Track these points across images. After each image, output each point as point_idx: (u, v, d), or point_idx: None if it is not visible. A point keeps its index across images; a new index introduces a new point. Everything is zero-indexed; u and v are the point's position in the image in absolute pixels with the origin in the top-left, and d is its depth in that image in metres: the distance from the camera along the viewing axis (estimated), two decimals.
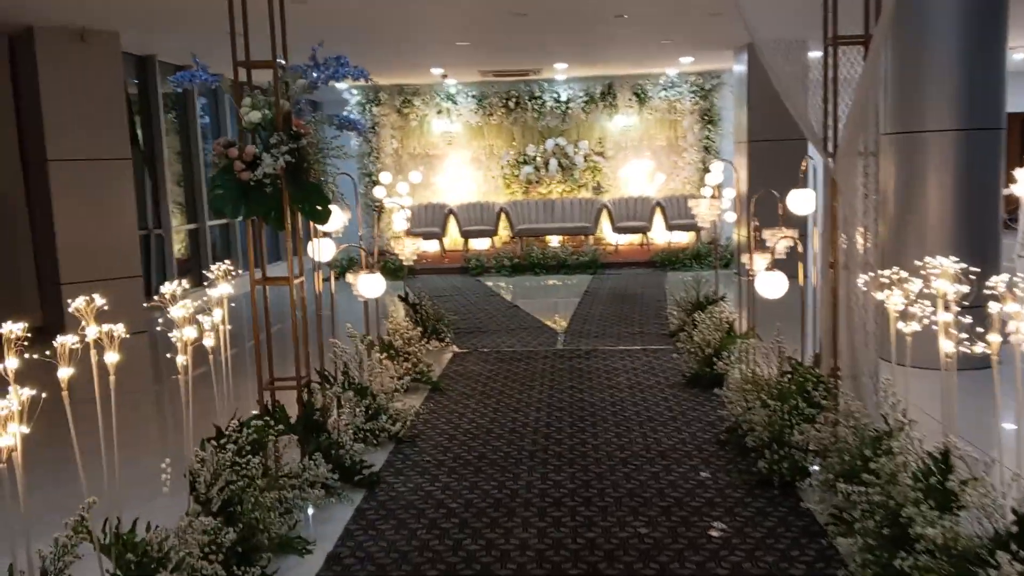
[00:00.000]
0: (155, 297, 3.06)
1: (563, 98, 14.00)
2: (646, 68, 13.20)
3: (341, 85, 13.80)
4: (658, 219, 13.87)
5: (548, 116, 14.11)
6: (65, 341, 2.52)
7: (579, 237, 14.00)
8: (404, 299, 7.44)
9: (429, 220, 13.98)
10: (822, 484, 3.63)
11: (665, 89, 13.92)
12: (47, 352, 2.51)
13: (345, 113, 13.33)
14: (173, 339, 3.07)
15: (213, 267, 3.59)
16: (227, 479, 3.07)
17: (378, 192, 7.86)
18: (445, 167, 14.55)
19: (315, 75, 3.94)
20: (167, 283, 3.08)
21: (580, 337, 7.63)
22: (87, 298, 2.71)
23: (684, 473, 4.23)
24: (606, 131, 14.32)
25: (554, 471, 4.27)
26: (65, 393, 2.52)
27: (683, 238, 14.02)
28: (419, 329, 6.54)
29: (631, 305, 9.23)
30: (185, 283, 3.13)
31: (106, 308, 2.73)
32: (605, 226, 14.14)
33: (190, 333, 3.06)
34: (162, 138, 10.28)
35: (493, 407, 5.44)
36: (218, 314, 3.41)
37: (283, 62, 4.07)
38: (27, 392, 2.21)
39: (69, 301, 2.87)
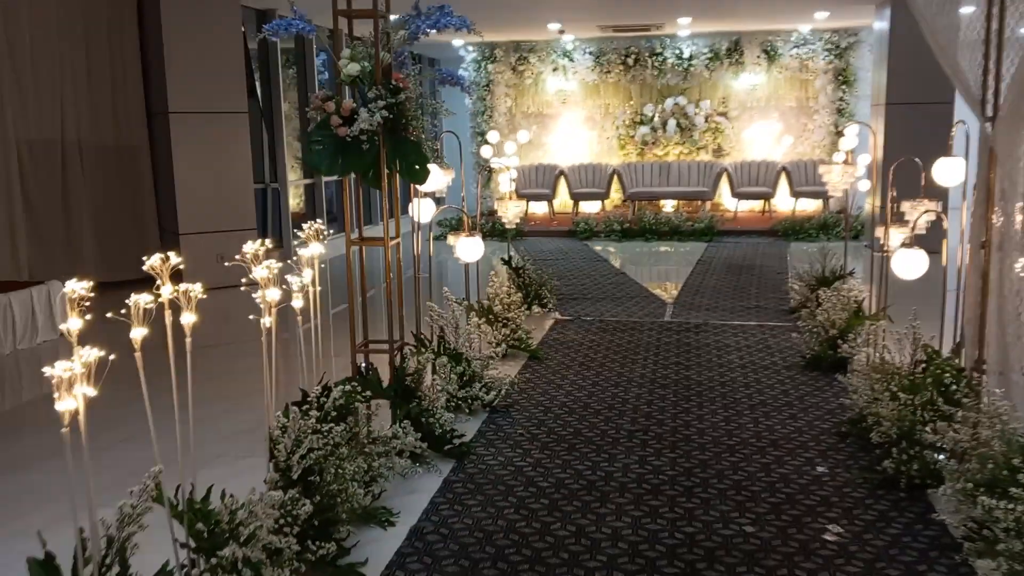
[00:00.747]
0: (236, 257, 2.92)
1: (686, 55, 13.35)
2: (777, 24, 12.37)
3: (457, 42, 13.64)
4: (783, 185, 13.10)
5: (669, 74, 13.50)
6: (138, 299, 2.42)
7: (695, 202, 13.41)
8: (507, 263, 7.25)
9: (539, 181, 13.72)
10: (959, 492, 3.20)
11: (797, 46, 13.02)
12: (123, 311, 2.42)
13: (460, 71, 13.17)
14: (257, 301, 2.95)
15: (305, 226, 3.47)
16: (309, 446, 2.97)
17: (485, 152, 7.66)
18: (558, 126, 14.21)
19: (416, 24, 3.73)
20: (250, 243, 2.95)
21: (690, 309, 7.24)
22: (162, 256, 2.59)
23: (798, 467, 3.87)
24: (730, 90, 13.57)
25: (654, 455, 4.00)
26: (139, 354, 2.43)
27: (809, 206, 13.22)
28: (520, 294, 6.34)
29: (748, 277, 8.72)
30: (269, 242, 2.99)
31: (182, 266, 2.61)
32: (724, 191, 13.49)
33: (274, 295, 2.93)
34: (280, 93, 10.42)
35: (592, 380, 5.19)
36: (308, 275, 3.29)
37: (384, 11, 3.88)
38: (93, 353, 2.12)
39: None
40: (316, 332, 3.52)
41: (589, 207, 13.83)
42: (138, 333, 2.44)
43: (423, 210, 4.83)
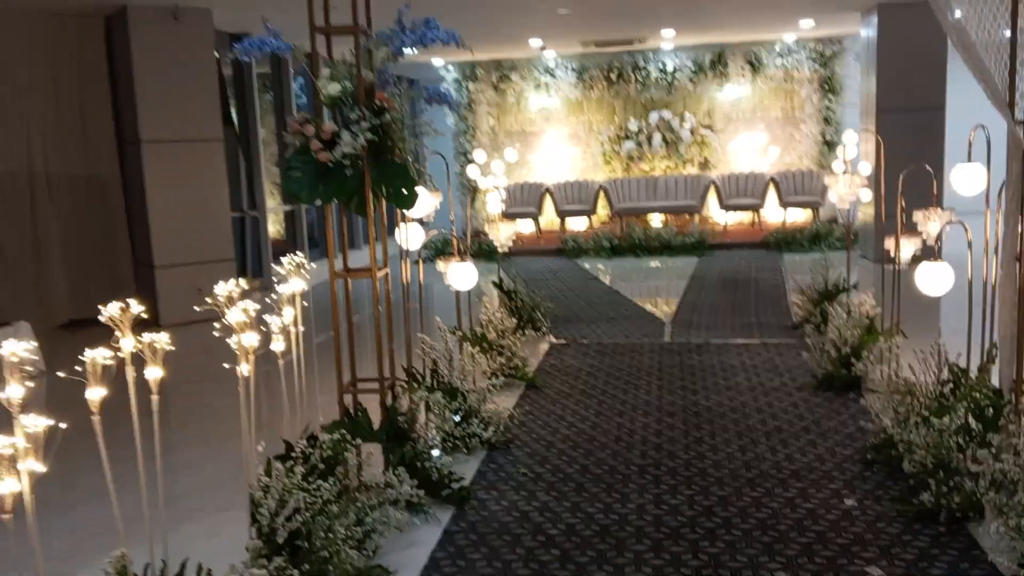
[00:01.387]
0: (207, 300, 2.62)
1: (669, 68, 13.19)
2: (761, 34, 12.24)
3: (437, 61, 13.42)
4: (771, 196, 12.93)
5: (652, 88, 13.34)
6: (95, 356, 2.12)
7: (683, 216, 13.21)
8: (499, 285, 6.97)
9: (525, 200, 13.48)
10: (1009, 529, 2.94)
11: (781, 56, 12.91)
12: (78, 368, 2.12)
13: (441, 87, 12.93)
14: (233, 347, 2.65)
15: (285, 260, 3.18)
16: (295, 506, 2.66)
17: (471, 172, 7.40)
18: (542, 144, 14.00)
19: (401, 40, 3.47)
20: (222, 283, 2.65)
21: (689, 328, 6.99)
22: (122, 304, 2.29)
23: (825, 500, 3.60)
24: (715, 102, 13.42)
25: (669, 492, 3.72)
26: (96, 418, 2.13)
27: (799, 217, 13.05)
28: (514, 319, 6.05)
29: (745, 291, 8.49)
30: (244, 282, 2.69)
31: (144, 316, 2.31)
32: (712, 204, 13.30)
33: (251, 340, 2.63)
34: (257, 118, 10.13)
35: (595, 409, 4.91)
36: (288, 314, 3.00)
37: (366, 27, 3.62)
38: (38, 422, 1.81)
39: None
40: (299, 373, 3.22)
41: (576, 224, 13.59)
42: (95, 394, 2.13)
43: (411, 236, 4.55)
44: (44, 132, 8.02)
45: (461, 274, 4.41)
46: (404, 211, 3.95)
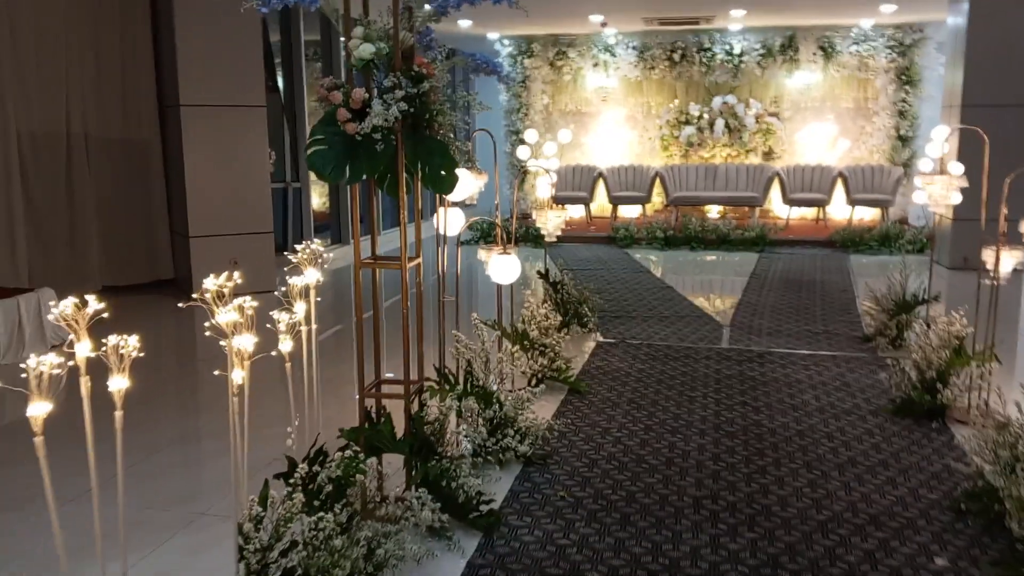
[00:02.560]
0: (194, 296, 2.20)
1: (736, 51, 12.48)
2: (837, 18, 11.47)
3: (492, 35, 12.90)
4: (838, 192, 12.19)
5: (717, 71, 12.65)
6: (44, 362, 1.71)
7: (743, 209, 12.56)
8: (544, 276, 6.51)
9: (576, 184, 12.95)
10: None
11: (856, 43, 12.10)
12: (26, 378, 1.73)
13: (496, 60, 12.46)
14: (225, 349, 2.24)
15: (298, 247, 2.76)
16: (292, 539, 2.25)
17: (522, 153, 6.92)
18: (597, 126, 13.43)
19: None
20: (212, 277, 2.23)
21: (749, 333, 6.44)
22: (76, 301, 1.88)
23: (911, 556, 3.08)
24: (783, 89, 12.69)
25: (728, 534, 3.23)
26: (39, 439, 1.73)
27: (866, 215, 12.31)
28: (558, 315, 5.58)
29: (809, 295, 7.88)
30: (238, 276, 2.27)
31: (105, 316, 1.91)
32: (775, 197, 12.61)
33: (247, 342, 2.22)
34: (304, 87, 9.77)
35: (645, 424, 4.43)
36: (300, 310, 2.58)
37: None
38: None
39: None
40: (310, 377, 2.81)
41: (629, 212, 13.04)
42: (39, 409, 1.73)
43: (450, 221, 4.10)
44: (83, 93, 7.75)
45: (503, 267, 3.96)
46: (441, 195, 3.49)
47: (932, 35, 11.88)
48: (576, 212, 13.26)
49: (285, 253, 3.32)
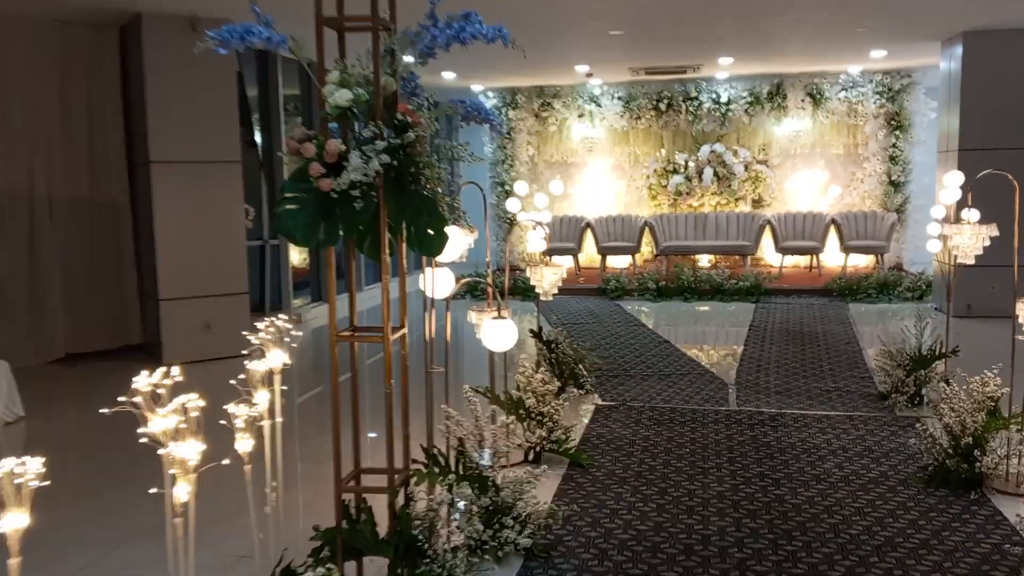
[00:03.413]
0: (119, 400, 1.79)
1: (723, 99, 12.34)
2: (825, 65, 11.36)
3: (476, 86, 12.72)
4: (831, 239, 11.95)
5: (704, 119, 12.49)
6: None
7: (734, 257, 12.29)
8: (537, 335, 6.12)
9: (564, 235, 12.66)
10: None
11: (845, 89, 12.00)
12: None
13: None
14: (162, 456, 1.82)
15: (260, 325, 2.37)
16: None
17: (511, 205, 6.59)
18: (583, 176, 13.21)
19: (432, 36, 2.67)
20: (144, 374, 1.83)
21: (757, 392, 6.06)
22: None
23: None
24: (771, 136, 12.54)
25: None
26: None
27: (860, 262, 12.06)
28: (555, 379, 5.17)
29: (813, 348, 7.53)
30: (177, 372, 1.86)
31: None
32: (766, 245, 12.36)
33: (189, 452, 1.81)
34: (282, 141, 9.46)
35: (656, 503, 4.00)
36: (262, 399, 2.17)
37: (388, 21, 2.83)
38: None
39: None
40: (275, 478, 2.39)
41: (618, 262, 12.74)
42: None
43: (439, 282, 3.72)
44: (49, 150, 7.40)
45: (498, 333, 3.57)
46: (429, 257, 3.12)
47: (921, 80, 11.80)
48: (564, 263, 12.91)
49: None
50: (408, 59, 2.85)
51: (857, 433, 5.03)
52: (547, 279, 5.08)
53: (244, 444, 2.18)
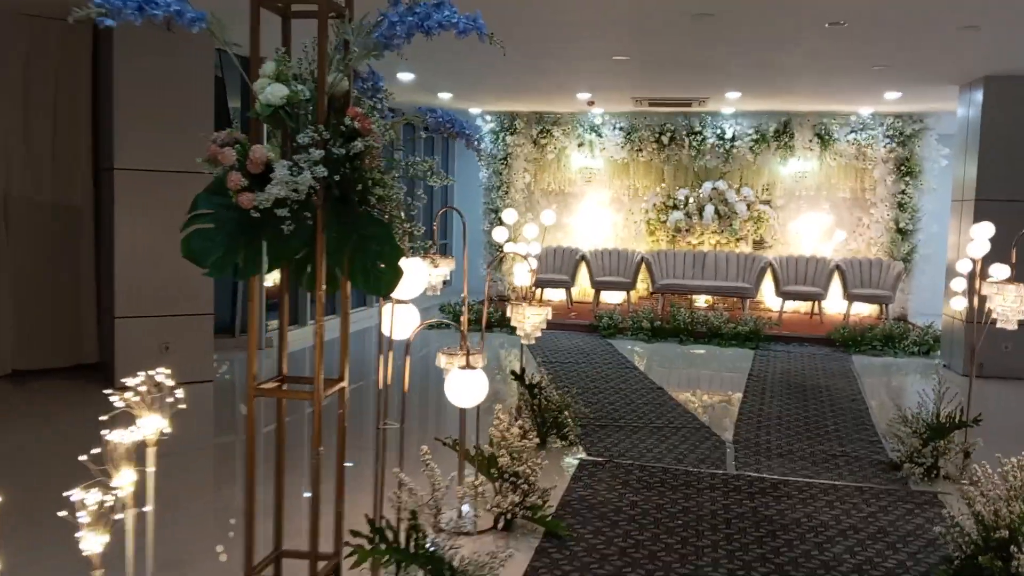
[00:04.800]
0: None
1: (728, 135, 11.91)
2: (834, 105, 10.95)
3: (474, 109, 12.28)
4: (834, 285, 11.47)
5: (708, 155, 12.05)
6: None
7: (732, 299, 11.79)
8: (519, 376, 5.58)
9: (557, 266, 12.16)
10: None
11: (855, 131, 11.58)
12: None
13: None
14: None
15: (131, 382, 1.84)
16: None
17: (498, 235, 6.09)
18: (580, 207, 12.75)
19: (392, 25, 2.16)
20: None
21: (757, 453, 5.51)
22: None
23: None
24: (776, 176, 12.10)
25: None
26: None
27: (863, 310, 11.58)
28: (534, 432, 4.61)
29: (817, 404, 6.99)
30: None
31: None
32: (766, 288, 11.87)
33: None
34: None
35: None
36: (125, 481, 1.63)
37: (340, 5, 2.33)
38: None
39: None
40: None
41: (612, 297, 12.23)
42: None
43: (400, 321, 3.19)
44: (8, 151, 6.88)
45: (465, 386, 3.03)
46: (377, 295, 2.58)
47: (933, 125, 11.40)
48: (556, 296, 12.44)
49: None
50: (371, 56, 2.34)
51: (869, 510, 4.47)
52: (530, 320, 4.54)
53: (91, 542, 1.64)
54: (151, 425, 1.87)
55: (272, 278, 9.96)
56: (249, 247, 2.15)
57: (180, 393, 2.12)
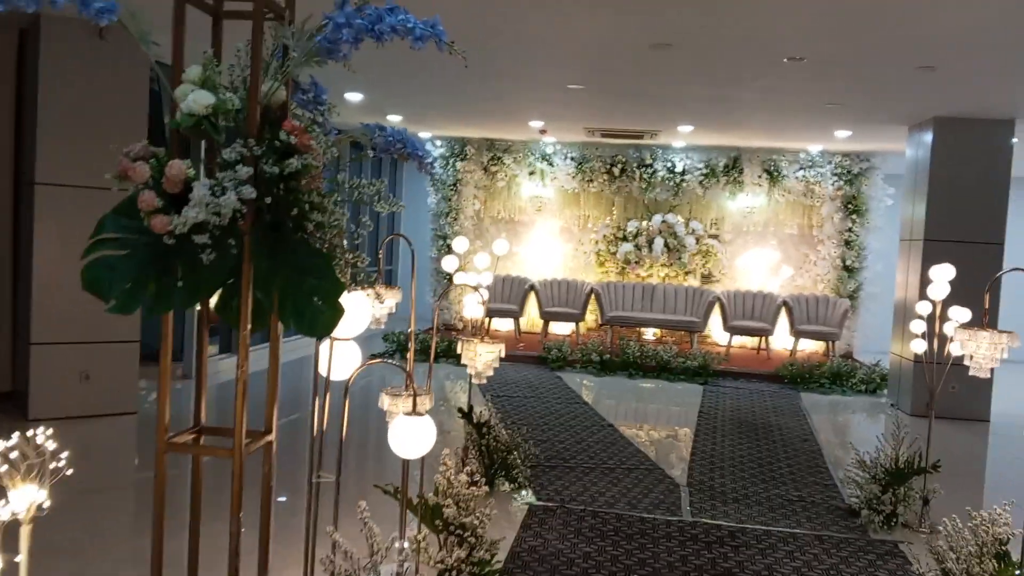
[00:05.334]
0: None
1: (678, 168, 11.89)
2: (784, 142, 11.03)
3: (424, 134, 12.03)
4: (782, 321, 11.46)
5: (658, 187, 12.00)
6: None
7: (680, 332, 11.70)
8: (466, 415, 5.28)
9: (506, 296, 11.91)
10: None
11: (803, 168, 11.67)
12: None
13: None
14: None
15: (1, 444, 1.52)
16: None
17: (448, 264, 5.81)
18: (530, 236, 12.55)
19: (337, 28, 1.89)
20: None
21: (712, 497, 5.29)
22: None
23: None
24: (725, 211, 12.10)
25: None
26: None
27: (809, 346, 11.59)
28: (482, 478, 4.31)
29: (769, 444, 6.84)
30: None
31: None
32: (714, 323, 11.80)
33: None
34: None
35: None
36: None
37: (280, 4, 2.05)
38: None
39: None
40: None
41: (561, 328, 12.03)
42: None
43: (339, 359, 2.87)
44: None
45: (410, 435, 2.73)
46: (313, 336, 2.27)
47: (879, 165, 11.55)
48: (504, 325, 12.18)
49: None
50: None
51: (830, 561, 4.28)
52: (481, 357, 4.26)
53: None
54: (24, 498, 1.53)
55: (213, 302, 9.44)
56: (161, 279, 1.84)
57: (63, 459, 1.78)
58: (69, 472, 1.74)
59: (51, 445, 1.68)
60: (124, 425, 6.47)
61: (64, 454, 1.76)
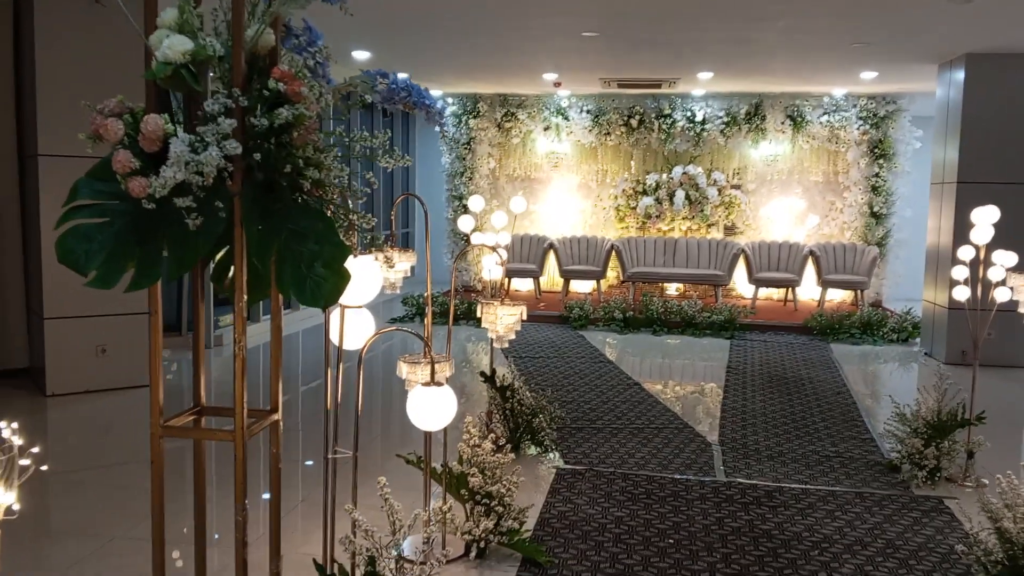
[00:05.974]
0: None
1: (698, 117, 11.53)
2: (808, 86, 10.63)
3: (435, 91, 11.73)
4: (808, 271, 11.18)
5: (678, 139, 11.67)
6: None
7: (703, 287, 11.46)
8: (489, 379, 5.13)
9: (525, 255, 11.71)
10: None
11: (827, 113, 11.27)
12: None
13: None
14: None
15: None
16: None
17: (464, 224, 5.61)
18: (547, 193, 12.30)
19: None
20: None
21: (746, 456, 5.12)
22: None
23: None
24: (748, 160, 11.76)
25: None
26: None
27: (837, 296, 11.33)
28: (508, 434, 4.15)
29: (801, 397, 6.65)
30: None
31: None
32: (739, 275, 11.55)
33: None
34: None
35: None
36: None
37: None
38: None
39: None
40: None
41: (581, 287, 11.83)
42: None
43: (352, 328, 2.70)
44: None
45: (430, 407, 2.56)
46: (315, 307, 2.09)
47: (907, 107, 11.13)
48: (524, 286, 12.01)
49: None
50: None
51: (874, 520, 4.11)
52: (503, 320, 4.08)
53: None
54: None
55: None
56: (144, 249, 1.66)
57: (28, 457, 1.62)
58: (38, 468, 1.59)
59: (17, 441, 1.52)
60: (143, 397, 6.39)
61: (34, 449, 1.61)
